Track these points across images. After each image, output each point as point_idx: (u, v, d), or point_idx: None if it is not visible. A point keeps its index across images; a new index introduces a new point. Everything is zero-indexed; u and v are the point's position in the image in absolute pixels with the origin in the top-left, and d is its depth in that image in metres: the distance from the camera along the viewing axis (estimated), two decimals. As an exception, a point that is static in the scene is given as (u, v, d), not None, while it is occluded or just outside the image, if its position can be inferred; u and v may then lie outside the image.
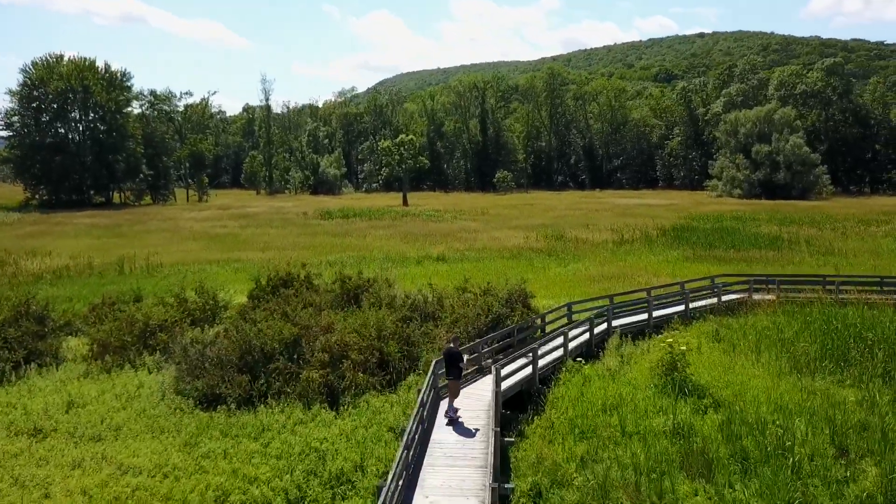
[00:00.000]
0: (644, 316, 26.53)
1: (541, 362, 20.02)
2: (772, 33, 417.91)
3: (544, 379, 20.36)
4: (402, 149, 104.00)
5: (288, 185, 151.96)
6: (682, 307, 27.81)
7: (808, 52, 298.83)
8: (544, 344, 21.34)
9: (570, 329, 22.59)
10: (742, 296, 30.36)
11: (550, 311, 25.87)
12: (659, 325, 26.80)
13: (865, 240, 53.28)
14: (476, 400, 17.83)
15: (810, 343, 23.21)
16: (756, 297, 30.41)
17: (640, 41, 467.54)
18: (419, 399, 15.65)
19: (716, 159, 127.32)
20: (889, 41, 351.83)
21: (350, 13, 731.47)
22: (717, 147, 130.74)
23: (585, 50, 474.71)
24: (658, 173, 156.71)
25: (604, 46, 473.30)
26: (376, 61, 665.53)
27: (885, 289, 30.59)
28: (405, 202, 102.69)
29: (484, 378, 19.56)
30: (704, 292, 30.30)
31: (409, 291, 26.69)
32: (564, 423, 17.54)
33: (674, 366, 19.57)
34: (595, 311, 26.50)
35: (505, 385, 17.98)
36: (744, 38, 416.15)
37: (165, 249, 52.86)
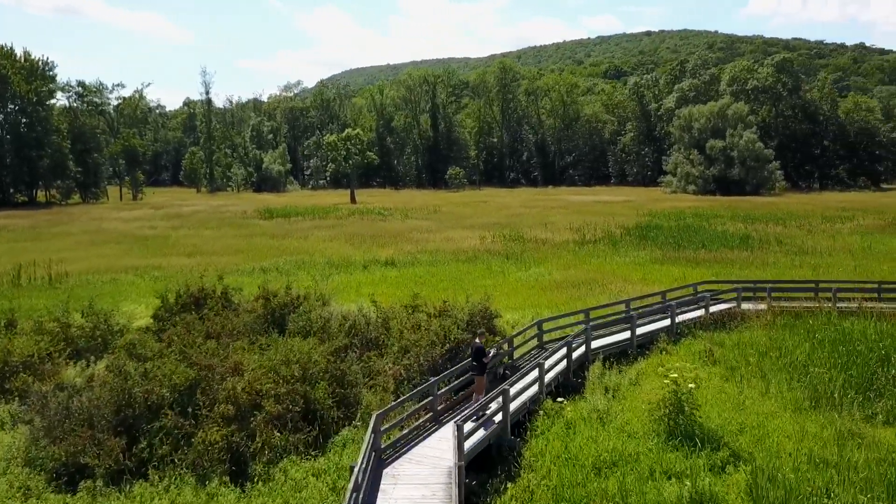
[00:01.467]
0: (626, 335, 22.57)
1: (513, 405, 15.75)
2: (716, 32, 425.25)
3: (517, 425, 16.14)
4: (348, 143, 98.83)
5: (230, 183, 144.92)
6: (667, 322, 23.96)
7: (752, 51, 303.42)
8: (515, 381, 17.02)
9: (546, 357, 18.40)
10: (730, 305, 26.75)
11: (519, 333, 21.65)
12: (644, 345, 22.90)
13: (836, 238, 50.83)
14: (430, 467, 13.45)
15: (826, 367, 19.56)
16: (746, 306, 26.85)
17: (589, 38, 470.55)
18: (352, 479, 11.19)
19: (669, 155, 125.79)
20: (828, 40, 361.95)
21: (296, 7, 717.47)
22: (671, 143, 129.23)
23: (535, 47, 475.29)
24: (611, 170, 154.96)
25: (553, 44, 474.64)
26: (325, 57, 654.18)
27: (885, 296, 27.36)
28: (353, 200, 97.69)
29: (439, 431, 15.20)
30: (689, 303, 26.54)
31: (348, 310, 22.13)
32: (547, 494, 13.33)
33: (680, 408, 15.54)
34: (571, 331, 22.44)
35: (468, 444, 13.64)
36: (689, 36, 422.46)
37: (78, 255, 46.92)
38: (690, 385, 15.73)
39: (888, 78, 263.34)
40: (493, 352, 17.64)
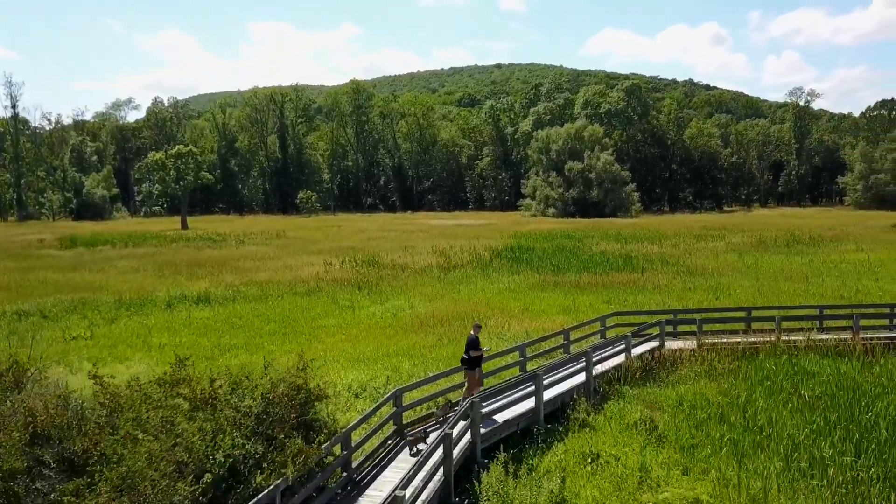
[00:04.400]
0: (529, 404, 14.76)
1: None
2: (561, 66, 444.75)
3: None
4: (179, 162, 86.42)
5: (44, 210, 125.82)
6: (582, 377, 16.49)
7: (597, 83, 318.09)
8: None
9: (406, 475, 10.12)
10: (653, 345, 19.91)
11: (363, 420, 13.01)
12: (555, 415, 15.28)
13: (718, 257, 46.90)
14: None
15: (828, 443, 12.75)
16: (673, 344, 20.15)
17: (443, 69, 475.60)
18: None
19: (527, 178, 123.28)
20: (662, 76, 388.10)
21: (136, 29, 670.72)
22: (529, 165, 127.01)
23: (390, 76, 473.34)
24: (469, 195, 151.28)
25: (408, 73, 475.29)
26: (170, 81, 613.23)
27: (827, 323, 21.71)
28: (184, 225, 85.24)
29: None
30: (603, 345, 19.37)
31: (64, 390, 12.76)
32: None
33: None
34: (445, 410, 14.40)
35: None
36: (537, 69, 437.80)
37: None
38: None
39: (714, 111, 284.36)
40: (487, 349, 16.18)
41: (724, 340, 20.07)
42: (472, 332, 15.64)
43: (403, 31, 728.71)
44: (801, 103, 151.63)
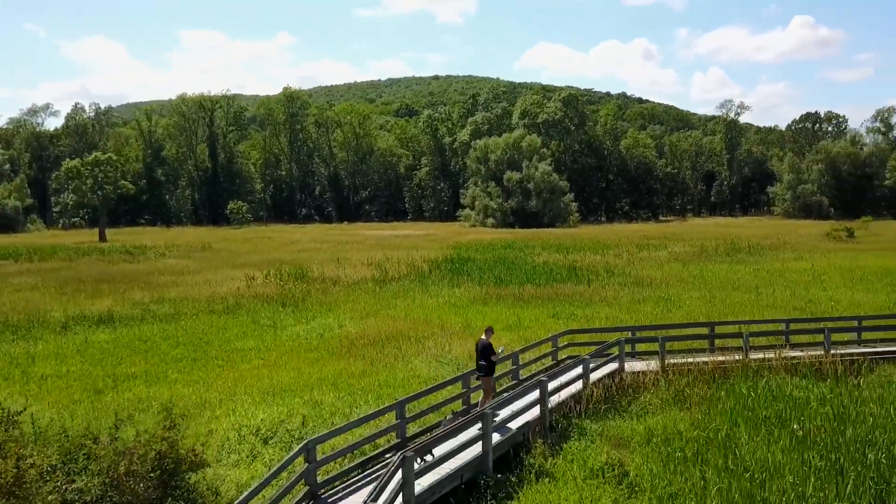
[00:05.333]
0: (476, 449, 12.10)
1: None
2: (498, 79, 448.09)
3: None
4: (97, 170, 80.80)
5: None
6: (536, 411, 13.95)
7: (534, 94, 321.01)
8: None
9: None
10: (613, 367, 17.62)
11: (256, 490, 9.99)
12: (505, 460, 12.70)
13: (663, 267, 45.55)
14: None
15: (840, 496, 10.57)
16: (634, 366, 17.92)
17: (380, 80, 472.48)
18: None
19: (466, 188, 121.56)
20: (596, 89, 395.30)
21: (60, 35, 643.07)
22: (468, 175, 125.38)
23: (326, 87, 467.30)
24: (407, 205, 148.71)
25: (344, 84, 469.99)
26: (97, 89, 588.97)
27: (795, 339, 19.92)
28: (102, 237, 79.64)
29: None
30: (559, 371, 16.94)
31: None
32: None
33: None
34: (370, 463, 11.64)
35: None
36: (474, 81, 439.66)
37: None
38: None
39: (647, 123, 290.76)
40: (501, 350, 15.72)
41: (690, 360, 17.95)
42: (483, 337, 15.14)
43: (340, 41, 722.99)
44: (732, 116, 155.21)
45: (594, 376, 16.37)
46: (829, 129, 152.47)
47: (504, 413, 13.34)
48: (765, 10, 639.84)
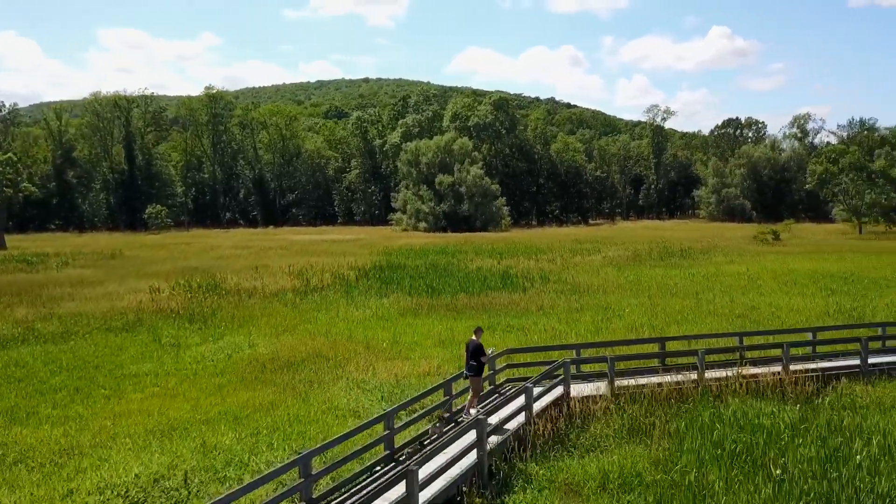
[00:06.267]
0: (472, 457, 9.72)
1: None
2: (429, 82, 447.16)
3: None
4: (-6, 172, 74.33)
5: None
6: (473, 456, 11.63)
7: (465, 98, 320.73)
8: None
9: None
10: (558, 393, 15.53)
11: None
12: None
13: (599, 272, 44.25)
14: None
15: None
16: (581, 390, 15.89)
17: (310, 82, 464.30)
18: None
19: (398, 192, 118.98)
20: (526, 94, 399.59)
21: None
22: (399, 179, 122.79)
23: (254, 88, 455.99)
24: (337, 209, 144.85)
25: (273, 86, 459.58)
26: (9, 87, 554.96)
27: (749, 354, 18.35)
28: (1, 244, 73.28)
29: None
30: (501, 401, 14.72)
31: None
32: None
33: None
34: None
35: None
36: (405, 84, 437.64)
37: None
38: None
39: (576, 128, 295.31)
40: (492, 351, 15.94)
41: (643, 383, 16.06)
42: (473, 337, 15.14)
43: (268, 43, 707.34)
44: (658, 121, 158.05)
45: (538, 406, 14.22)
46: (750, 134, 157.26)
47: (433, 465, 10.96)
48: (685, 21, 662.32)
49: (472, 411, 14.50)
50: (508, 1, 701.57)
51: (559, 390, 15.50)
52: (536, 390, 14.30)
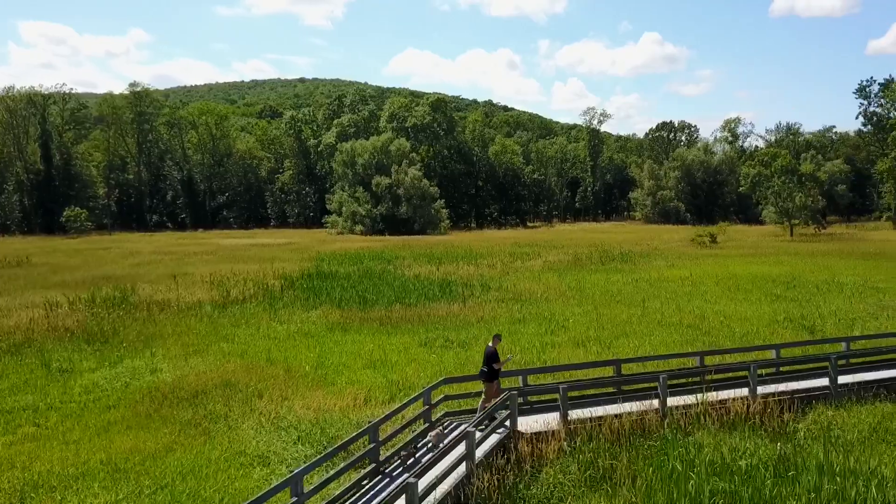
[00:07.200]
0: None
1: None
2: (366, 83, 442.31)
3: None
4: None
5: None
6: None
7: (403, 98, 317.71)
8: None
9: None
10: (503, 432, 13.34)
11: None
12: None
13: (540, 277, 42.54)
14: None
15: None
16: (529, 424, 13.76)
17: (243, 81, 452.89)
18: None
19: (333, 193, 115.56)
20: (464, 96, 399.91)
21: None
22: (334, 180, 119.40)
23: (185, 87, 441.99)
24: (270, 211, 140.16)
25: (205, 84, 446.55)
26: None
27: (714, 377, 16.58)
28: None
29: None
30: (432, 446, 12.44)
31: None
32: None
33: None
34: None
35: None
36: (342, 85, 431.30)
37: None
38: None
39: (513, 130, 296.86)
40: (510, 357, 16.49)
41: (600, 413, 14.04)
42: (490, 344, 15.23)
43: (199, 40, 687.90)
44: (594, 124, 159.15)
45: (480, 452, 11.99)
46: (683, 138, 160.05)
47: None
48: (619, 27, 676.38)
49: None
50: (446, 3, 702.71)
51: (504, 427, 13.31)
52: (481, 430, 12.06)
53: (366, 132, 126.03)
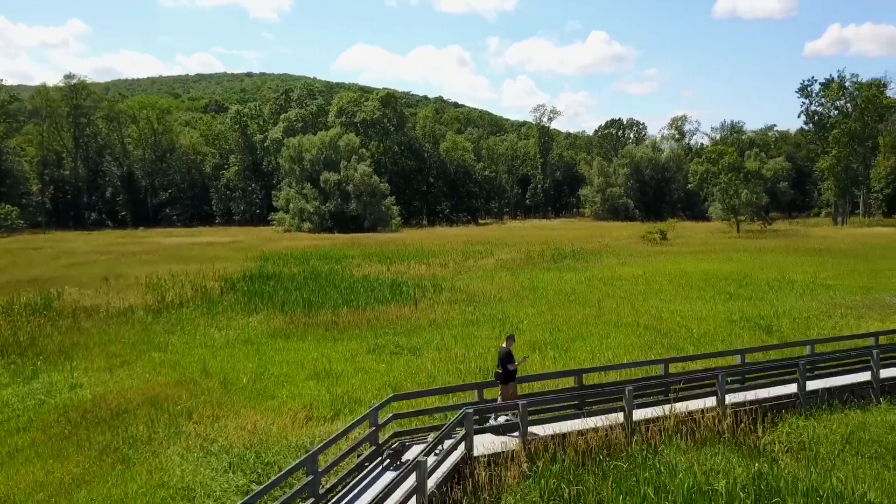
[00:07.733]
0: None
1: None
2: (314, 78, 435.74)
3: None
4: None
5: None
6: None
7: (352, 93, 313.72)
8: None
9: None
10: (457, 456, 12.08)
11: None
12: None
13: (493, 277, 41.56)
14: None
15: None
16: (486, 445, 12.53)
17: (188, 75, 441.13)
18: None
19: (280, 190, 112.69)
20: (415, 92, 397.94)
21: None
22: (281, 176, 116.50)
23: (127, 80, 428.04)
24: (214, 208, 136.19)
25: (148, 78, 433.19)
26: None
27: (683, 388, 15.66)
28: None
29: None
30: (383, 467, 11.11)
31: None
32: None
33: None
34: None
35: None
36: (290, 80, 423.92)
37: None
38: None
39: (463, 127, 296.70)
40: (525, 358, 16.48)
41: (563, 431, 12.92)
42: (504, 345, 15.13)
43: (142, 32, 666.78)
44: (544, 121, 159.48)
45: (432, 482, 10.72)
46: (632, 135, 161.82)
47: None
48: (568, 25, 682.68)
49: (501, 418, 14.18)
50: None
51: (460, 451, 12.09)
52: (431, 459, 10.81)
53: (314, 127, 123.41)
